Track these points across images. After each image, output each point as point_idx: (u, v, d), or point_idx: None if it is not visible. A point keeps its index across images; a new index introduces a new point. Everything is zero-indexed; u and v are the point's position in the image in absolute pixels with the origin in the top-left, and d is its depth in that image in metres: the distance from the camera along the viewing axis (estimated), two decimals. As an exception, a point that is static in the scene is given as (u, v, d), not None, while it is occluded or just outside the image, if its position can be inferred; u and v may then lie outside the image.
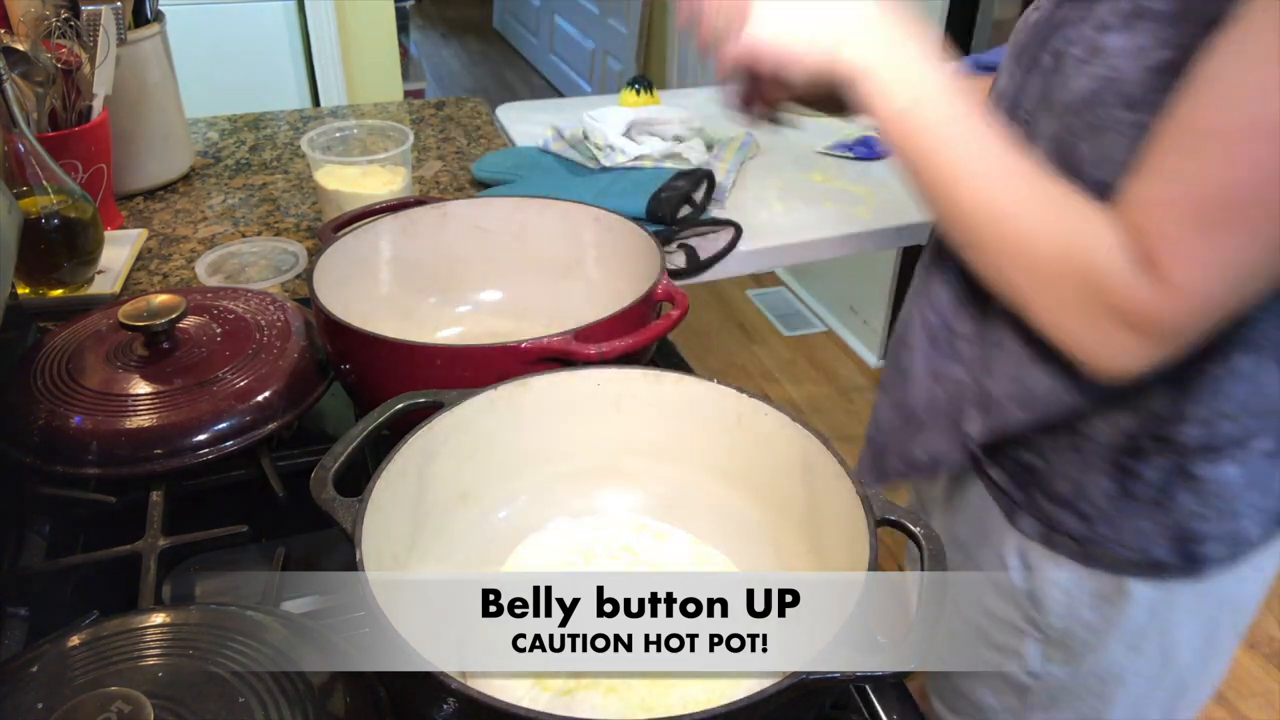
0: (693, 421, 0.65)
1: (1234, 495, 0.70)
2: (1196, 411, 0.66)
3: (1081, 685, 0.80)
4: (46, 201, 0.98)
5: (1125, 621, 0.75)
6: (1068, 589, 0.76)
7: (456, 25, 5.74)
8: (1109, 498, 0.71)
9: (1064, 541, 0.74)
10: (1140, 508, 0.71)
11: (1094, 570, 0.74)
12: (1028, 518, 0.76)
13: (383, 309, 0.87)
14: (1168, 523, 0.71)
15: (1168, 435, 0.68)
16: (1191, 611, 0.76)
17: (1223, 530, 0.71)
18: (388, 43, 2.38)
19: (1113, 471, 0.70)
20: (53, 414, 0.71)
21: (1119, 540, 0.72)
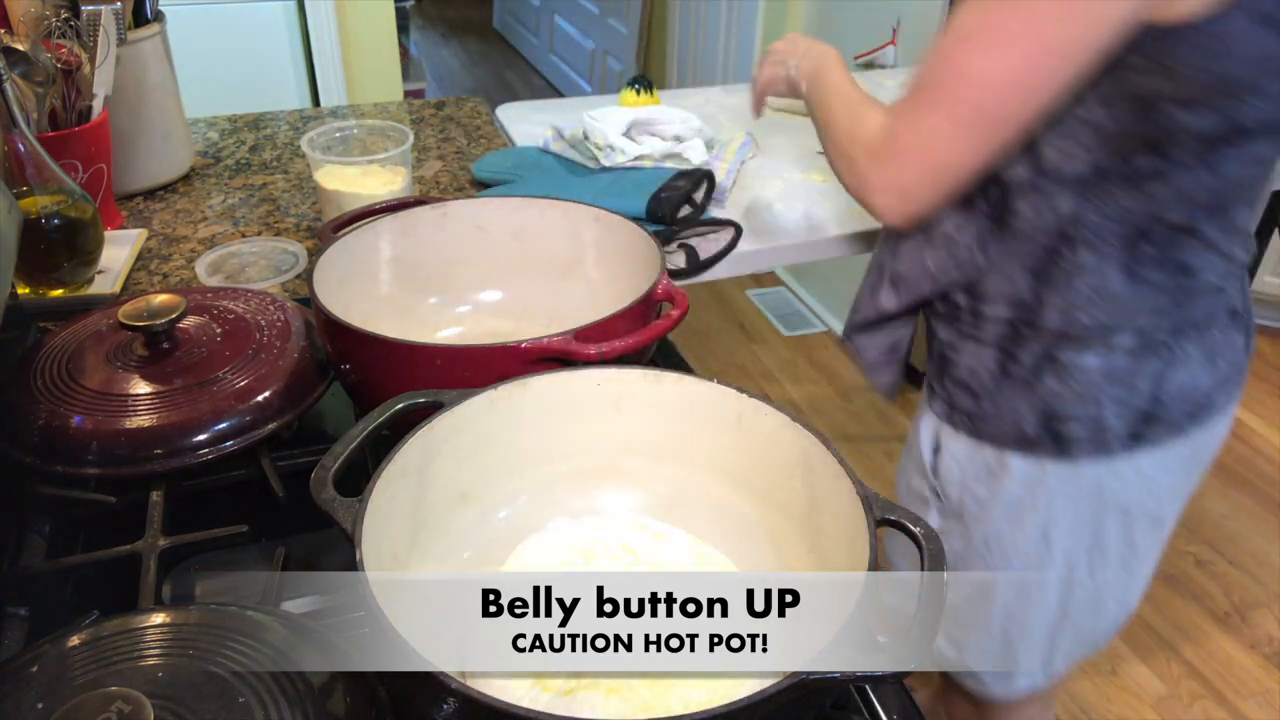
0: (693, 421, 0.65)
1: (1093, 383, 0.82)
2: (1053, 300, 0.80)
3: (973, 553, 0.92)
4: (46, 201, 0.98)
5: (1005, 493, 0.88)
6: (961, 462, 0.90)
7: (456, 25, 5.74)
8: (993, 376, 0.86)
9: (960, 418, 0.89)
10: (1015, 387, 0.85)
11: (980, 444, 0.88)
12: (938, 400, 0.92)
13: (383, 309, 0.87)
14: (1035, 401, 0.84)
15: (1035, 321, 0.82)
16: (1067, 495, 0.87)
17: (1083, 413, 0.83)
18: (388, 43, 2.37)
19: (998, 355, 0.85)
20: (53, 414, 0.71)
21: (999, 415, 0.86)
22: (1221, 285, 0.81)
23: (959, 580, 0.94)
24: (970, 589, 0.94)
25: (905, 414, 2.49)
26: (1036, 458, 0.86)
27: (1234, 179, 0.74)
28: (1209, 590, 1.96)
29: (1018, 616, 0.94)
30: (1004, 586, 0.93)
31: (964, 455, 0.90)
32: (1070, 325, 0.81)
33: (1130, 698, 1.75)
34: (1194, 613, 1.92)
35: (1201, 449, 0.89)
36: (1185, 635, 1.87)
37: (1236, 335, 0.86)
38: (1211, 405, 0.86)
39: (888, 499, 0.54)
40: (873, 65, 2.17)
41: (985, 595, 0.94)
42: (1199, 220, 0.76)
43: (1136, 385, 0.82)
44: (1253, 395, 2.51)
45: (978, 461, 0.89)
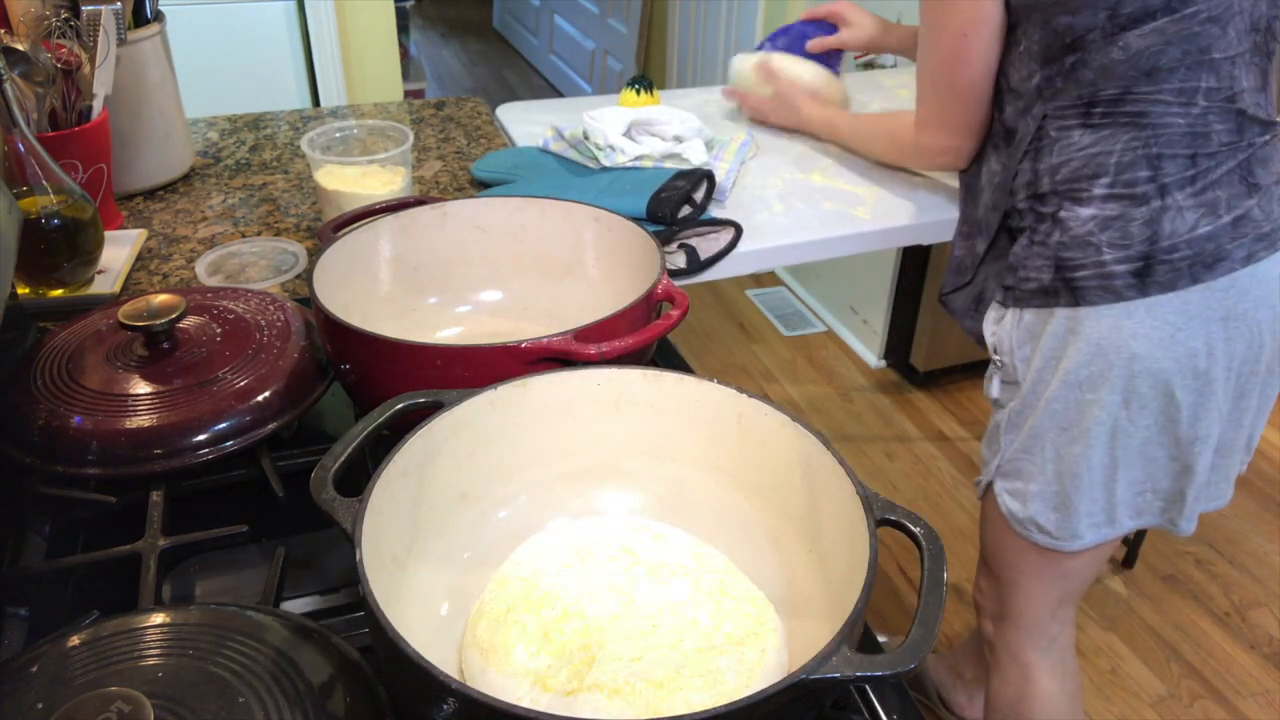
0: (693, 421, 0.65)
1: (1088, 230, 0.98)
2: (1043, 168, 1.01)
3: (1025, 406, 1.07)
4: (46, 201, 0.98)
5: (1043, 347, 1.03)
6: (1008, 329, 1.06)
7: (456, 25, 5.74)
8: (1024, 249, 1.04)
9: (1007, 295, 1.06)
10: (1035, 250, 1.02)
11: (1020, 310, 1.04)
12: (999, 289, 1.08)
13: (383, 309, 0.87)
14: (1048, 256, 1.01)
15: (1038, 192, 1.02)
16: (1089, 340, 0.99)
17: (1086, 259, 0.98)
18: (388, 43, 2.37)
19: (1028, 234, 1.04)
20: (53, 414, 0.71)
21: (1027, 279, 1.03)
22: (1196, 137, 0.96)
23: (1016, 434, 1.08)
24: (1026, 439, 1.07)
25: (905, 414, 2.49)
26: (1060, 307, 1.00)
27: (1140, 49, 0.93)
28: (1209, 590, 1.96)
29: (1068, 459, 1.05)
30: (1052, 432, 1.05)
31: (1010, 324, 1.06)
32: (1057, 183, 1.00)
33: (1130, 698, 1.75)
34: (1194, 613, 1.92)
35: (1232, 303, 0.97)
36: (1185, 635, 1.87)
37: (1247, 199, 0.96)
38: (1222, 255, 0.95)
39: (888, 499, 0.54)
40: (872, 65, 2.17)
41: (1038, 442, 1.06)
42: (1134, 84, 0.95)
43: (1130, 231, 0.96)
44: (1253, 395, 2.51)
45: (1021, 327, 1.04)
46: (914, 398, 2.55)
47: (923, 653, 0.45)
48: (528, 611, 0.58)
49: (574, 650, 0.55)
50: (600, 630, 0.57)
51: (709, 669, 0.54)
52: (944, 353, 2.53)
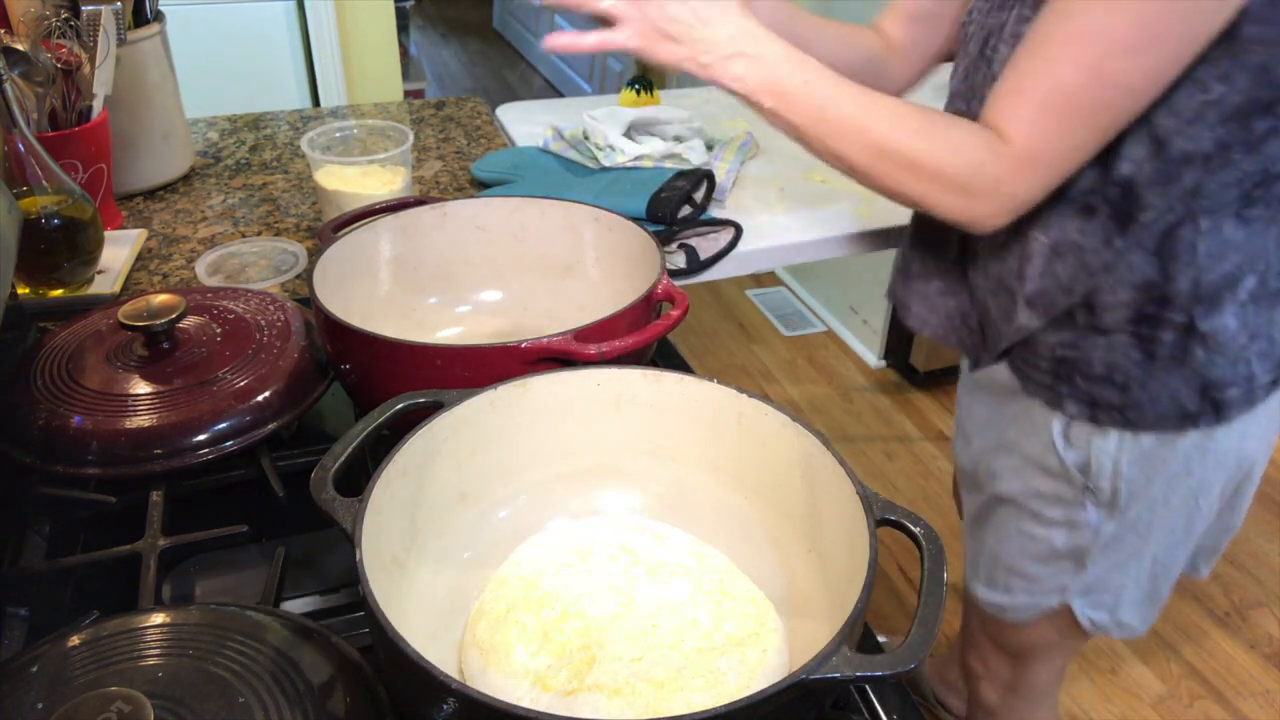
0: (693, 421, 0.65)
1: (1238, 343, 0.83)
2: (1181, 270, 0.80)
3: (1128, 530, 0.93)
4: (46, 201, 0.98)
5: (1165, 470, 0.89)
6: (1114, 455, 0.89)
7: (456, 25, 5.74)
8: (1139, 365, 0.85)
9: (1107, 414, 0.88)
10: (1166, 368, 0.84)
11: (1137, 434, 0.87)
12: (1072, 401, 0.89)
13: (383, 309, 0.87)
14: (1190, 377, 0.84)
15: (1166, 297, 0.82)
16: (1219, 455, 0.90)
17: (1237, 375, 0.84)
18: (388, 43, 2.37)
19: (1135, 343, 0.84)
20: (53, 414, 0.71)
21: (1155, 400, 0.85)
22: None
23: (1110, 556, 0.95)
24: (1124, 557, 0.96)
25: (905, 414, 2.49)
26: (1197, 429, 0.87)
27: None
28: (1209, 590, 1.96)
29: (1164, 562, 0.97)
30: (1160, 546, 0.96)
31: (1117, 448, 0.88)
32: (1200, 287, 0.81)
33: (1130, 698, 1.75)
34: (1194, 613, 1.92)
35: None
36: (1185, 635, 1.87)
37: None
38: None
39: (888, 499, 0.54)
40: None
41: (1138, 559, 0.96)
42: None
43: (1273, 335, 0.85)
44: (1253, 395, 2.51)
45: (1135, 450, 0.88)
46: (914, 398, 2.55)
47: (923, 653, 0.45)
48: (528, 611, 0.58)
49: (574, 650, 0.55)
50: (600, 630, 0.57)
51: (710, 669, 0.54)
52: (944, 353, 2.53)
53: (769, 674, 0.54)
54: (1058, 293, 0.86)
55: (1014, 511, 0.99)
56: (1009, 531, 1.00)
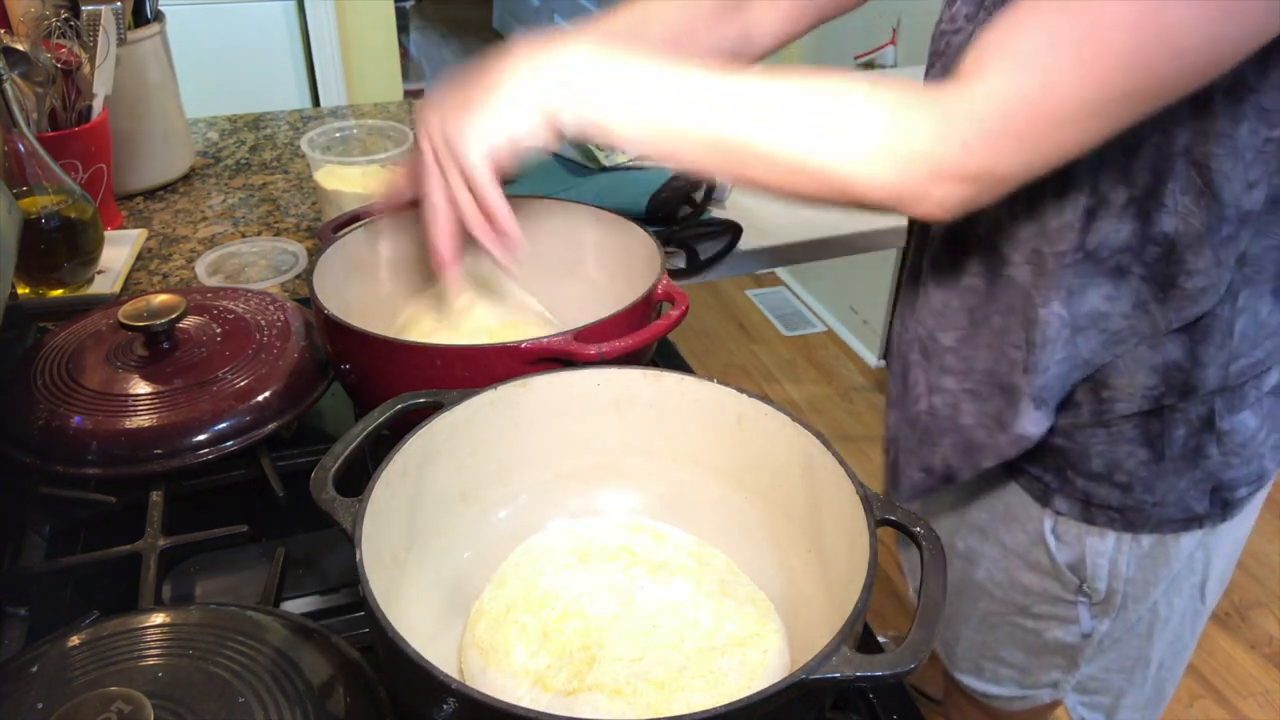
0: (693, 421, 0.65)
1: (1255, 439, 0.74)
2: (1213, 355, 0.68)
3: (1128, 631, 0.85)
4: (46, 201, 0.98)
5: (1167, 571, 0.80)
6: (1111, 556, 0.79)
7: (456, 25, 5.74)
8: (1144, 465, 0.74)
9: (1104, 514, 0.77)
10: (1175, 468, 0.73)
11: (1136, 536, 0.78)
12: (1063, 499, 0.79)
13: (383, 309, 0.87)
14: (1202, 478, 0.74)
15: (1190, 385, 0.69)
16: (1223, 549, 0.82)
17: (1249, 473, 0.75)
18: (388, 43, 2.38)
19: (1143, 439, 0.73)
20: (53, 414, 0.71)
21: (1159, 503, 0.75)
22: None
23: (1106, 657, 0.87)
24: (1124, 660, 0.87)
25: (905, 414, 2.48)
26: (1203, 529, 0.78)
27: None
28: (1209, 590, 1.97)
29: (1170, 666, 0.90)
30: (1164, 653, 0.88)
31: (1114, 549, 0.79)
32: (1228, 377, 0.69)
33: (1130, 698, 1.75)
34: (1194, 613, 1.92)
35: None
36: (1185, 635, 1.87)
37: None
38: None
39: (888, 499, 0.54)
40: (872, 65, 2.17)
41: (1143, 663, 0.88)
42: None
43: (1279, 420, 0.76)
44: (1253, 395, 2.51)
45: (1134, 552, 0.79)
46: (914, 398, 2.55)
47: (923, 653, 0.45)
48: (527, 611, 0.58)
49: (574, 650, 0.55)
50: (600, 630, 0.57)
51: (711, 670, 0.54)
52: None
53: (770, 674, 0.54)
54: (1074, 370, 0.72)
55: (994, 603, 0.89)
56: (991, 622, 0.90)
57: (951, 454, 0.79)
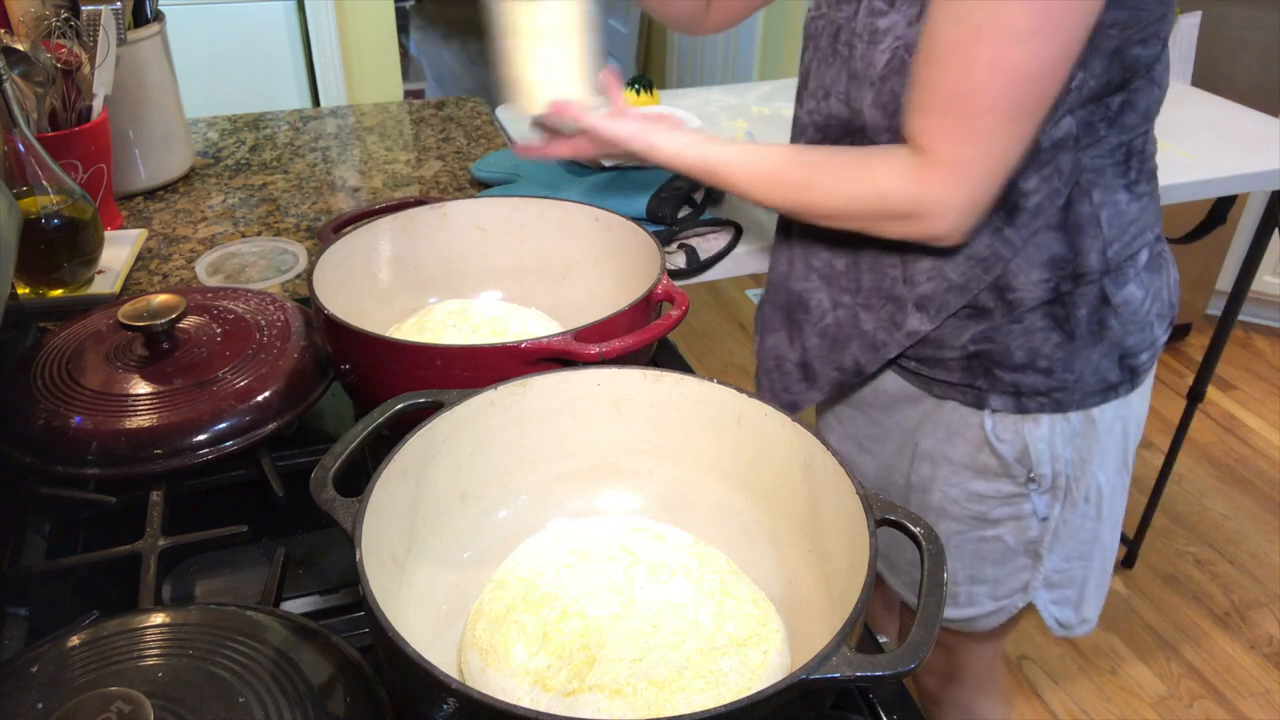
0: (693, 421, 0.65)
1: (1143, 308, 0.87)
2: (1088, 244, 0.82)
3: (1078, 514, 0.94)
4: (46, 201, 0.98)
5: (1097, 444, 0.91)
6: (1049, 440, 0.89)
7: (456, 25, 5.74)
8: (1059, 347, 0.86)
9: (1036, 401, 0.88)
10: (1087, 345, 0.86)
11: (1066, 414, 0.88)
12: (997, 395, 0.89)
13: (383, 309, 0.87)
14: (1109, 349, 0.87)
15: (1078, 272, 0.83)
16: (1135, 414, 0.93)
17: (1145, 339, 0.88)
18: (388, 43, 2.38)
19: (1053, 324, 0.85)
20: (53, 414, 0.71)
21: (1079, 378, 0.87)
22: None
23: (1062, 544, 0.95)
24: (1079, 544, 0.96)
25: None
26: (1118, 398, 0.89)
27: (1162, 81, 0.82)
28: (1209, 590, 1.96)
29: (1111, 543, 0.98)
30: (1107, 526, 0.96)
31: (1049, 431, 0.89)
32: (1108, 260, 0.83)
33: (1130, 698, 1.75)
34: (1194, 613, 1.92)
35: None
36: (1185, 635, 1.87)
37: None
38: None
39: (888, 499, 0.54)
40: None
41: (1098, 544, 0.96)
42: (1150, 126, 0.84)
43: (1164, 296, 0.89)
44: (1253, 395, 2.51)
45: (1067, 430, 0.89)
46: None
47: (923, 653, 0.45)
48: (526, 611, 0.58)
49: (574, 650, 0.55)
50: (600, 630, 0.57)
51: (711, 670, 0.54)
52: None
53: (771, 675, 0.54)
54: (949, 293, 0.86)
55: (954, 522, 0.96)
56: (955, 544, 0.97)
57: (859, 353, 0.94)
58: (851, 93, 0.84)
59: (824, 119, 0.88)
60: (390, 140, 1.49)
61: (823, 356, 0.97)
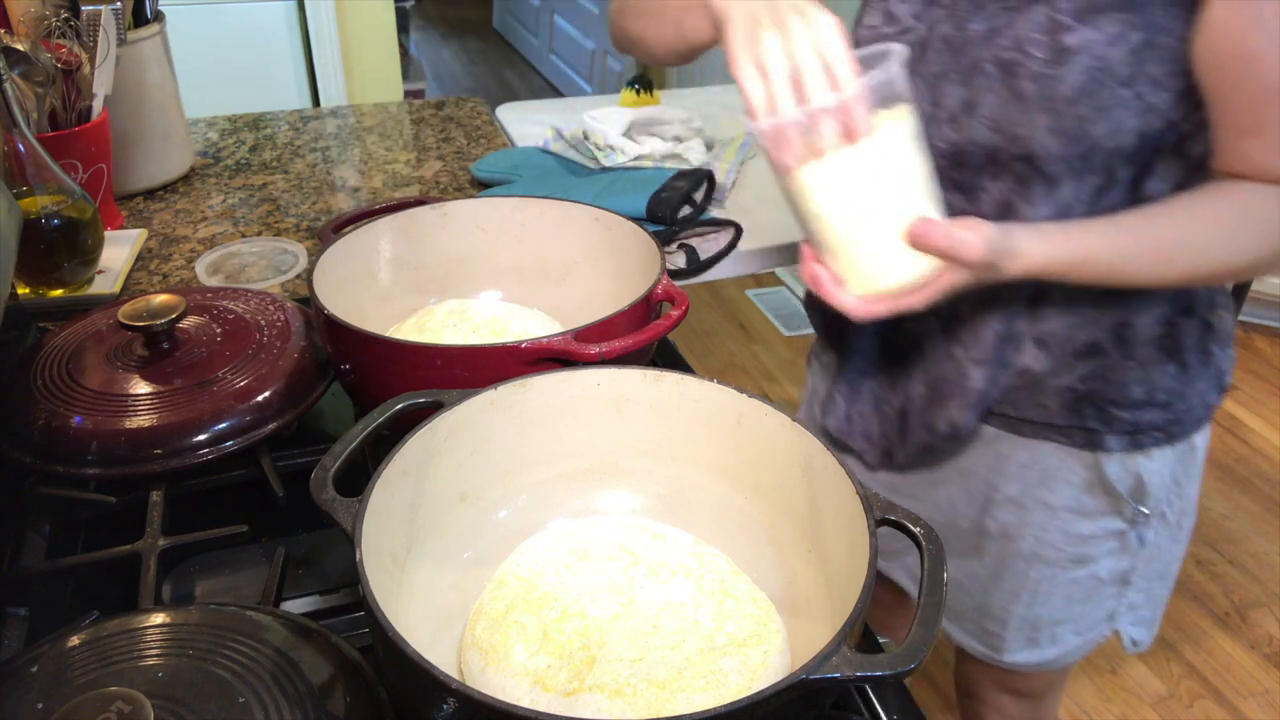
0: (693, 421, 0.65)
1: (1229, 328, 0.86)
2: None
3: (1169, 536, 0.91)
4: (46, 201, 0.98)
5: (1194, 466, 0.89)
6: (1159, 470, 0.86)
7: (456, 25, 5.74)
8: (1175, 378, 0.83)
9: (1152, 436, 0.85)
10: (1196, 373, 0.84)
11: (1175, 443, 0.86)
12: (1113, 436, 0.84)
13: (383, 309, 0.87)
14: (1213, 373, 0.85)
15: (1189, 303, 0.81)
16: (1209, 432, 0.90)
17: (1230, 357, 0.86)
18: (388, 43, 2.37)
19: (1167, 357, 0.82)
20: (53, 414, 0.71)
21: (1190, 408, 0.85)
22: None
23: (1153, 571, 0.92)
24: (1165, 566, 0.93)
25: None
26: (1210, 419, 0.89)
27: None
28: (1209, 590, 1.96)
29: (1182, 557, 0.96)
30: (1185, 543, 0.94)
31: (1161, 464, 0.86)
32: (1210, 288, 0.82)
33: (1130, 698, 1.75)
34: (1194, 613, 1.92)
35: None
36: (1185, 635, 1.87)
37: None
38: None
39: (888, 499, 0.54)
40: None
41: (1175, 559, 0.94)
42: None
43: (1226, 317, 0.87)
44: (1253, 395, 2.51)
45: (1174, 459, 0.87)
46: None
47: (923, 653, 0.45)
48: (526, 611, 0.58)
49: (574, 650, 0.55)
50: (600, 630, 0.57)
51: (711, 670, 0.54)
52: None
53: (771, 675, 0.54)
54: (1077, 328, 0.81)
55: (1047, 567, 0.91)
56: (1045, 589, 0.92)
57: (958, 412, 0.86)
58: (1010, 117, 0.73)
59: (954, 146, 0.77)
60: (390, 140, 1.49)
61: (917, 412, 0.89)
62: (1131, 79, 0.70)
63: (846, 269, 0.69)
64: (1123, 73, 0.69)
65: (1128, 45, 0.69)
